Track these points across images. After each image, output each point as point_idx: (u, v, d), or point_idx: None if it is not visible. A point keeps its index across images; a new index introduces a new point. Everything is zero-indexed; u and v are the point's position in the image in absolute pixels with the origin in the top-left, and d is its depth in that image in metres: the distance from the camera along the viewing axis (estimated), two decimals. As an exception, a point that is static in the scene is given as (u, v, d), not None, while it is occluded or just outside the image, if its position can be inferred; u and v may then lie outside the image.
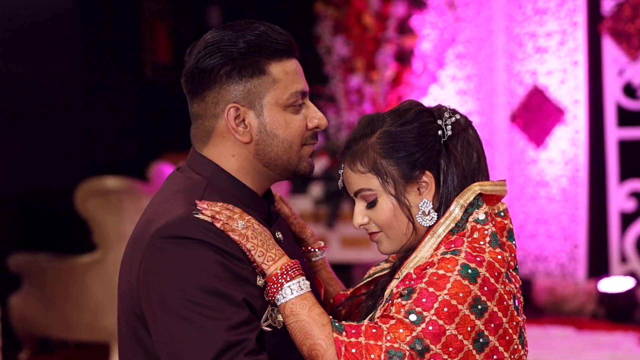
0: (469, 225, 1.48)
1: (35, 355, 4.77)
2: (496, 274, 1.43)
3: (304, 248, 1.74)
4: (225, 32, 1.50)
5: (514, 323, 1.45)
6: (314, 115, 1.54)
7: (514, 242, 1.54)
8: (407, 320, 1.39)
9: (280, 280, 1.42)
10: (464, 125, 1.54)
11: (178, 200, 1.46)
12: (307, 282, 1.44)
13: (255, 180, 1.54)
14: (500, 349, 1.43)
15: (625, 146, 5.14)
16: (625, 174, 5.13)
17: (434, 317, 1.38)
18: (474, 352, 1.40)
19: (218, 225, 1.43)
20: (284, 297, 1.42)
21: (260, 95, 1.49)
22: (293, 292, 1.42)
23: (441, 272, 1.41)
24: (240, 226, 1.44)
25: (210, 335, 1.34)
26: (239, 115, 1.49)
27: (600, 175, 5.18)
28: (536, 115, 5.34)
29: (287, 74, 1.51)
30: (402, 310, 1.40)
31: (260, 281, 1.43)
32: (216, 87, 1.49)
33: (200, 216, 1.42)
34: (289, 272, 1.42)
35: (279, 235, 1.55)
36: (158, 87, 6.26)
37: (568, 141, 5.25)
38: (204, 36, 1.52)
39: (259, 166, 1.53)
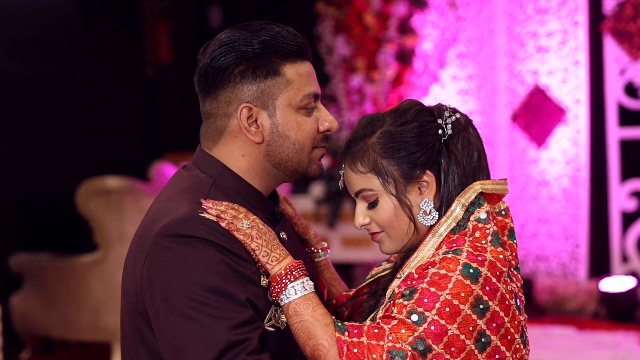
0: (470, 225, 1.48)
1: (37, 355, 4.77)
2: (498, 273, 1.43)
3: (307, 249, 1.74)
4: (240, 32, 1.49)
5: (516, 322, 1.45)
6: (325, 118, 1.54)
7: (515, 241, 1.54)
8: (409, 320, 1.39)
9: (284, 281, 1.42)
10: (464, 124, 1.54)
11: (183, 198, 1.46)
12: (311, 283, 1.44)
13: (263, 181, 1.54)
14: (502, 348, 1.43)
15: (626, 146, 5.14)
16: (627, 174, 5.13)
17: (436, 317, 1.38)
18: (476, 351, 1.40)
19: (223, 224, 1.42)
20: (287, 298, 1.41)
21: (273, 96, 1.49)
22: (297, 292, 1.42)
23: (443, 271, 1.41)
24: (245, 226, 1.44)
25: (213, 334, 1.34)
26: (251, 115, 1.49)
27: (601, 174, 5.17)
28: (537, 114, 5.34)
29: (300, 76, 1.51)
30: (403, 310, 1.40)
31: (264, 281, 1.43)
32: (230, 86, 1.49)
33: (206, 215, 1.42)
34: (293, 273, 1.42)
35: (283, 235, 1.55)
36: (159, 87, 6.26)
37: (569, 141, 5.25)
38: (218, 35, 1.52)
39: (269, 167, 1.53)
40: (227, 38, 1.50)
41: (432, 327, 1.38)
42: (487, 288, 1.41)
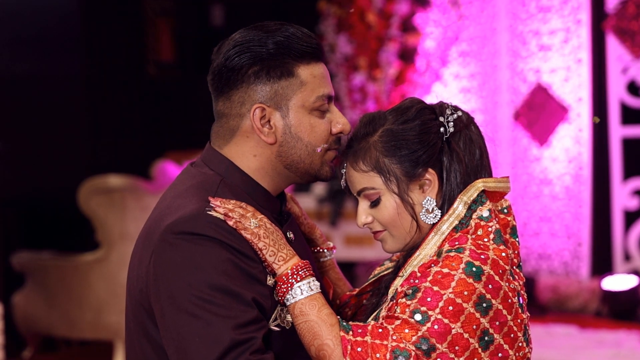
0: (472, 223, 1.48)
1: (39, 353, 4.77)
2: (500, 271, 1.43)
3: (312, 248, 1.73)
4: (255, 32, 1.49)
5: (519, 321, 1.45)
6: (338, 120, 1.54)
7: (517, 239, 1.54)
8: (412, 320, 1.39)
9: (290, 280, 1.42)
10: (465, 122, 1.54)
11: (191, 195, 1.46)
12: (317, 283, 1.44)
13: (273, 181, 1.54)
14: (505, 346, 1.43)
15: (628, 144, 5.13)
16: (629, 172, 5.12)
17: (439, 316, 1.38)
18: (480, 350, 1.40)
19: (230, 223, 1.42)
20: (293, 297, 1.41)
21: (287, 97, 1.49)
22: (303, 292, 1.41)
23: (445, 270, 1.41)
24: (253, 225, 1.43)
25: (218, 333, 1.34)
26: (264, 116, 1.49)
27: (603, 173, 5.17)
28: (540, 113, 5.33)
29: (314, 77, 1.50)
30: (407, 310, 1.40)
31: (270, 281, 1.43)
32: (243, 86, 1.49)
33: (213, 213, 1.42)
34: (300, 273, 1.42)
35: (290, 235, 1.55)
36: (161, 86, 6.26)
37: (572, 139, 5.24)
38: (232, 35, 1.52)
39: (280, 167, 1.52)
40: (242, 38, 1.49)
41: (436, 326, 1.38)
42: (490, 286, 1.41)
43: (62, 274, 4.38)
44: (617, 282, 4.96)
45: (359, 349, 1.37)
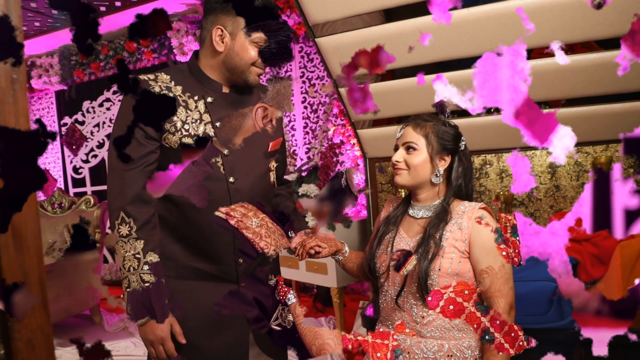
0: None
1: (39, 352, 4.78)
2: (501, 270, 1.43)
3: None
4: None
5: (520, 320, 1.45)
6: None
7: (517, 238, 1.54)
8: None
9: (292, 280, 1.42)
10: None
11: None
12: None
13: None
14: (506, 345, 1.43)
15: (629, 143, 5.13)
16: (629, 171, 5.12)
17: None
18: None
19: (232, 222, 1.43)
20: (295, 297, 1.42)
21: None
22: (304, 292, 1.42)
23: (446, 269, 1.41)
24: (255, 224, 1.44)
25: None
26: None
27: (604, 171, 5.17)
28: (540, 111, 5.33)
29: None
30: (407, 308, 1.40)
31: (271, 280, 1.43)
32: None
33: (216, 212, 1.42)
34: (301, 272, 1.43)
35: (291, 234, 1.56)
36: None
37: (572, 138, 5.24)
38: None
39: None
40: None
41: (437, 326, 1.38)
42: (491, 285, 1.41)
43: (63, 273, 4.38)
44: (618, 280, 4.96)
45: (360, 348, 1.37)
